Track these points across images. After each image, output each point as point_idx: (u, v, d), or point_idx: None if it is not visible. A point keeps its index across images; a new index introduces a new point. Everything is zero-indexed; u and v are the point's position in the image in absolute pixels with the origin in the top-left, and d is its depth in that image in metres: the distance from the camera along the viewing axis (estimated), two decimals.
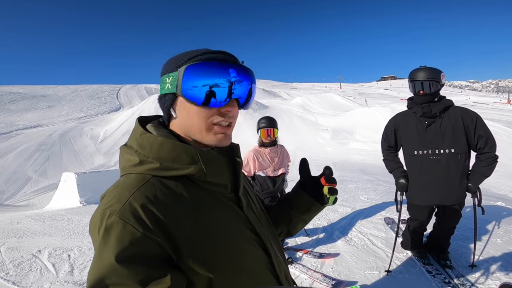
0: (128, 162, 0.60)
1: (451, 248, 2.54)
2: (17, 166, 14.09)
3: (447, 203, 2.24)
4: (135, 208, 0.51)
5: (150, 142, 0.60)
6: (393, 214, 3.72)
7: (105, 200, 0.55)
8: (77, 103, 34.85)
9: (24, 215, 5.41)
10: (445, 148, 2.17)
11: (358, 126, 16.46)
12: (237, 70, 0.61)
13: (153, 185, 0.56)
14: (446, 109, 2.20)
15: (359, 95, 42.82)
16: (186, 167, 0.59)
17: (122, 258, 0.47)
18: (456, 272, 2.28)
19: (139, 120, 0.67)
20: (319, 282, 2.32)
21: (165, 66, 0.64)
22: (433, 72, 2.17)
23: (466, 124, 2.14)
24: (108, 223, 0.50)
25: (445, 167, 2.18)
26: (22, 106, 31.19)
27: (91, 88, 43.90)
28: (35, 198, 10.45)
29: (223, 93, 0.60)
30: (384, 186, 5.65)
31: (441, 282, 2.17)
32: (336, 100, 29.22)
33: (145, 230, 0.50)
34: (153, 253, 0.50)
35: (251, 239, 0.66)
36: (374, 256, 2.66)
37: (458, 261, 2.45)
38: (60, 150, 16.99)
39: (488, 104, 27.58)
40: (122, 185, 0.57)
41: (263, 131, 2.83)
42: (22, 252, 3.28)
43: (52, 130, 21.45)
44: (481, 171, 2.15)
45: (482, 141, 2.11)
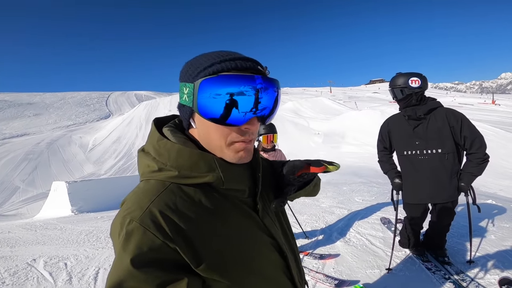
0: (147, 168, 0.60)
1: (448, 246, 2.60)
2: (4, 176, 13.69)
3: (438, 201, 2.32)
4: (155, 215, 0.52)
5: (168, 149, 0.58)
6: (389, 214, 3.79)
7: (126, 205, 0.55)
8: (65, 111, 34.19)
9: (14, 225, 5.25)
10: (432, 148, 2.27)
11: (349, 129, 16.72)
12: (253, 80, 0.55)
13: (172, 192, 0.56)
14: (432, 110, 2.30)
15: (349, 98, 43.53)
16: (204, 175, 0.58)
17: (140, 264, 0.48)
18: (455, 268, 2.34)
19: (155, 122, 0.65)
20: (322, 282, 2.34)
21: (183, 71, 0.60)
22: (402, 79, 2.30)
23: (452, 125, 2.22)
24: (128, 229, 0.51)
25: (433, 167, 2.27)
26: (8, 114, 30.39)
27: (79, 95, 43.18)
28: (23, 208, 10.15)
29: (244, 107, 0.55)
30: (378, 188, 5.76)
31: (441, 278, 2.22)
32: (327, 104, 29.64)
33: (165, 237, 0.51)
34: (171, 259, 0.51)
35: (268, 244, 0.66)
36: (374, 255, 2.70)
37: (456, 258, 2.51)
38: (49, 159, 16.58)
39: (473, 105, 28.46)
40: (142, 191, 0.57)
41: (265, 137, 2.90)
42: (16, 261, 3.19)
43: (39, 138, 20.94)
44: (470, 171, 2.22)
45: (468, 141, 2.19)
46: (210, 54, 0.58)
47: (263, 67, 0.59)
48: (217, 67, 0.55)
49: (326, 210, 4.34)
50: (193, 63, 0.59)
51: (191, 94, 0.57)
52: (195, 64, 0.58)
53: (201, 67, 0.56)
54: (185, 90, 0.58)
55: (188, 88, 0.57)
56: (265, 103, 0.57)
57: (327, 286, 2.28)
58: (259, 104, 0.56)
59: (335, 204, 4.69)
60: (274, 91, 0.59)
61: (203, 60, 0.57)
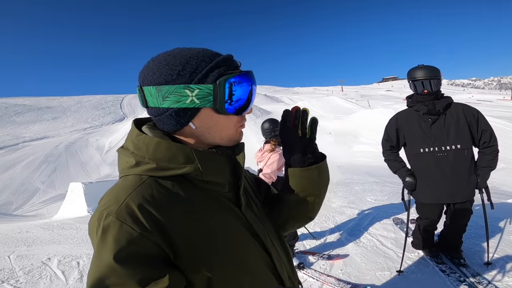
0: (126, 164, 0.60)
1: (464, 247, 2.50)
2: (25, 178, 14.29)
3: (457, 200, 2.21)
4: (131, 208, 0.51)
5: (146, 143, 0.59)
6: (402, 214, 3.67)
7: (103, 202, 0.55)
8: (81, 114, 35.29)
9: (33, 225, 5.45)
10: (451, 144, 2.17)
11: (362, 128, 16.40)
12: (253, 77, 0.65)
13: (149, 185, 0.56)
14: (448, 106, 2.22)
15: (361, 97, 42.82)
16: (182, 167, 0.58)
17: (120, 258, 0.48)
18: (471, 271, 2.24)
19: (134, 122, 0.67)
20: (333, 286, 2.26)
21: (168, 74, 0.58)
22: (434, 70, 2.19)
23: (469, 120, 2.17)
24: (105, 224, 0.50)
25: (453, 164, 2.17)
26: (28, 118, 31.67)
27: (95, 98, 44.44)
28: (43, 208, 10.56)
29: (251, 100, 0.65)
30: (391, 187, 5.60)
31: (456, 281, 2.13)
32: (338, 103, 29.22)
33: (142, 230, 0.50)
34: (151, 253, 0.50)
35: (250, 239, 0.65)
36: (385, 256, 2.62)
37: (473, 260, 2.40)
38: (67, 161, 17.19)
39: (492, 102, 27.37)
40: (119, 187, 0.57)
41: None
42: (32, 260, 3.30)
43: (58, 141, 21.72)
44: (487, 164, 2.16)
45: (487, 135, 2.15)
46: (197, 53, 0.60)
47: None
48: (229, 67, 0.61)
49: (336, 210, 4.26)
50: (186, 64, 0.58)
51: (208, 95, 0.58)
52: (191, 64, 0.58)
53: (205, 66, 0.58)
54: (190, 93, 0.57)
55: (197, 90, 0.57)
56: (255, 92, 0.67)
57: None
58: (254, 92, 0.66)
59: (346, 204, 4.59)
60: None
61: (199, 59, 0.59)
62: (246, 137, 0.80)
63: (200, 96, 0.58)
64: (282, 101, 47.52)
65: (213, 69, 0.59)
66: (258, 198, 0.80)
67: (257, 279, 0.63)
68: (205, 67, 0.58)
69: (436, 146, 2.21)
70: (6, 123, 28.88)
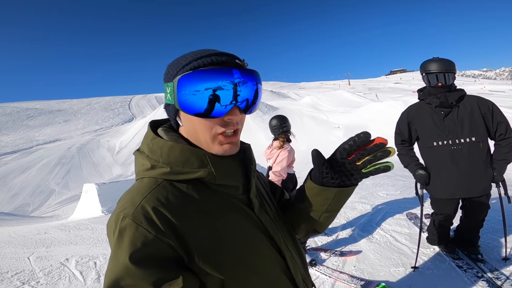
0: (142, 166, 0.61)
1: (481, 242, 2.43)
2: (40, 180, 14.74)
3: (473, 194, 2.16)
4: (147, 210, 0.52)
5: (160, 146, 0.60)
6: (416, 209, 3.61)
7: (120, 204, 0.56)
8: (92, 116, 35.94)
9: (50, 226, 5.62)
10: (465, 137, 2.12)
11: (371, 121, 16.18)
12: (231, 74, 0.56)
13: (164, 188, 0.57)
14: (461, 98, 2.17)
15: (369, 90, 42.14)
16: (196, 171, 0.59)
17: (135, 260, 0.48)
18: (489, 266, 2.19)
19: (151, 124, 0.68)
20: (346, 283, 2.24)
21: (165, 73, 0.62)
22: (449, 63, 2.15)
23: (484, 112, 2.11)
24: (121, 226, 0.52)
25: (467, 157, 2.12)
26: (40, 121, 32.46)
27: (104, 100, 45.15)
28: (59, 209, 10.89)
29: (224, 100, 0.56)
30: (403, 181, 5.52)
31: (473, 277, 2.09)
32: (346, 97, 28.85)
33: (157, 232, 0.51)
34: (165, 254, 0.51)
35: (264, 242, 0.65)
36: (399, 252, 2.59)
37: (490, 255, 2.34)
38: (80, 163, 17.60)
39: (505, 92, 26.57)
40: (135, 189, 0.58)
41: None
42: (51, 261, 3.39)
43: (70, 143, 22.23)
44: (504, 157, 2.11)
45: (502, 127, 2.10)
46: (189, 53, 0.61)
47: (240, 60, 0.60)
48: (193, 64, 0.57)
49: (348, 206, 4.21)
50: (174, 64, 0.61)
51: (172, 92, 0.59)
52: (175, 64, 0.60)
53: (180, 66, 0.59)
54: (167, 90, 0.60)
55: (169, 87, 0.59)
56: (244, 95, 0.59)
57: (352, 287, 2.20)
58: (238, 96, 0.58)
59: (357, 199, 4.55)
60: (253, 83, 0.60)
61: (182, 59, 0.60)
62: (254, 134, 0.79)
63: (170, 92, 0.59)
64: (289, 96, 47.26)
65: (185, 66, 0.58)
66: (272, 201, 0.78)
67: (270, 282, 0.63)
68: (182, 64, 0.59)
69: (450, 139, 2.15)
70: (19, 127, 29.70)
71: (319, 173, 0.67)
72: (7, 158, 19.76)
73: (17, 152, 20.98)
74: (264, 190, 0.77)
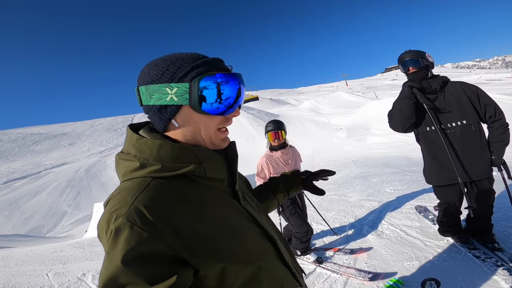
0: (127, 168, 0.61)
1: (496, 230, 2.37)
2: (52, 203, 14.98)
3: (472, 178, 2.14)
4: (140, 210, 0.53)
5: (149, 145, 0.61)
6: (424, 201, 3.58)
7: (110, 205, 0.56)
8: (96, 138, 36.30)
9: (65, 244, 5.70)
10: (456, 120, 2.15)
11: (373, 120, 16.14)
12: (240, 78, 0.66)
13: (155, 186, 0.58)
14: (445, 84, 2.22)
15: (367, 89, 42.20)
16: (186, 165, 0.61)
17: (130, 259, 0.49)
18: (508, 255, 2.11)
19: (130, 127, 0.69)
20: (355, 277, 2.23)
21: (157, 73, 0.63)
22: (417, 51, 2.24)
23: (469, 95, 2.14)
24: (116, 225, 0.52)
25: (461, 140, 2.14)
26: (46, 146, 32.85)
27: (106, 121, 45.68)
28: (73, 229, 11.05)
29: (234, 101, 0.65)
30: (411, 176, 5.48)
31: (493, 266, 2.02)
32: (345, 98, 28.91)
33: (152, 230, 0.52)
34: (160, 252, 0.52)
35: (254, 229, 0.69)
36: (411, 246, 2.54)
37: (507, 243, 2.27)
38: (89, 184, 17.78)
39: (502, 80, 26.44)
40: (125, 190, 0.58)
41: (270, 134, 2.85)
42: (68, 276, 3.45)
43: (77, 166, 22.45)
44: (499, 139, 2.11)
45: (490, 108, 2.11)
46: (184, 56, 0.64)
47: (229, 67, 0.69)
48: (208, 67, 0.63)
49: (355, 204, 4.19)
50: (171, 65, 0.62)
51: (184, 93, 0.61)
52: (175, 65, 0.62)
53: (187, 66, 0.62)
54: (169, 91, 0.62)
55: (176, 88, 0.61)
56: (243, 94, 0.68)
57: (361, 281, 2.18)
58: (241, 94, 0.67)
59: (364, 197, 4.52)
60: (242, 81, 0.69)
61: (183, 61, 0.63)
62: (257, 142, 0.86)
63: (178, 94, 0.61)
64: (288, 102, 47.42)
65: (193, 69, 0.62)
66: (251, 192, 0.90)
67: (266, 266, 0.66)
68: (186, 67, 0.62)
69: (442, 124, 2.19)
70: (26, 153, 30.09)
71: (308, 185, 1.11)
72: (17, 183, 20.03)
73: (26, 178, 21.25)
74: (243, 184, 0.84)
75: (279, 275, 0.69)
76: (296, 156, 2.98)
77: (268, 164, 2.82)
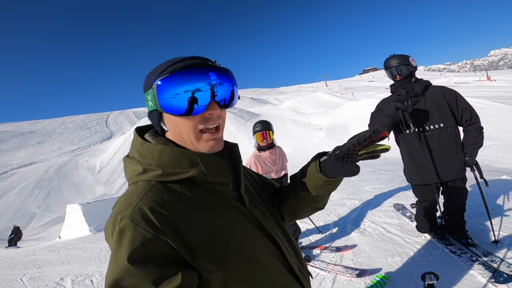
0: (133, 171, 0.63)
1: (469, 226, 2.51)
2: (20, 204, 14.14)
3: (447, 178, 2.29)
4: (144, 211, 0.54)
5: (151, 150, 0.62)
6: (401, 199, 3.77)
7: (116, 207, 0.58)
8: (67, 136, 34.51)
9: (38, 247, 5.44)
10: (434, 123, 2.28)
11: (350, 120, 16.68)
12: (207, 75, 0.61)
13: (159, 189, 0.59)
14: (427, 88, 2.36)
15: (346, 90, 43.50)
16: (187, 171, 0.61)
17: (135, 259, 0.50)
18: (482, 250, 2.25)
19: (137, 130, 0.70)
20: (342, 274, 2.32)
21: (144, 83, 0.66)
22: (403, 57, 2.37)
23: (448, 100, 2.28)
24: (120, 226, 0.53)
25: (437, 142, 2.28)
26: (12, 145, 30.78)
27: (78, 118, 43.55)
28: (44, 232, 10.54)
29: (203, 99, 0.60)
30: (387, 175, 5.73)
31: (468, 261, 2.14)
32: (324, 98, 29.61)
33: (155, 231, 0.53)
34: (164, 253, 0.53)
35: (259, 234, 0.68)
36: (392, 243, 2.67)
37: (480, 239, 2.41)
38: (60, 185, 16.87)
39: (470, 83, 28.33)
40: (130, 193, 0.60)
41: (259, 134, 2.89)
42: (45, 281, 3.31)
43: (47, 166, 21.21)
44: (473, 142, 2.26)
45: (467, 113, 2.25)
46: (165, 62, 0.64)
47: (212, 62, 0.65)
48: (170, 69, 0.61)
49: (337, 203, 4.33)
50: (151, 73, 0.65)
51: (153, 97, 0.62)
52: (152, 73, 0.64)
53: (157, 73, 0.63)
54: (148, 97, 0.64)
55: (150, 94, 0.63)
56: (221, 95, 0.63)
57: (348, 277, 2.28)
58: (215, 97, 0.62)
59: (345, 196, 4.67)
60: (229, 84, 0.65)
61: (158, 68, 0.64)
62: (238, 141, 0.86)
63: (151, 98, 0.63)
64: (269, 102, 47.76)
65: (162, 72, 0.62)
66: (261, 194, 0.82)
67: (270, 271, 0.67)
68: (157, 73, 0.62)
69: (421, 126, 2.32)
70: None
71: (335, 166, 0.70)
72: None
73: None
74: (251, 185, 0.81)
75: (283, 281, 0.69)
76: (282, 156, 3.04)
77: (256, 164, 2.85)
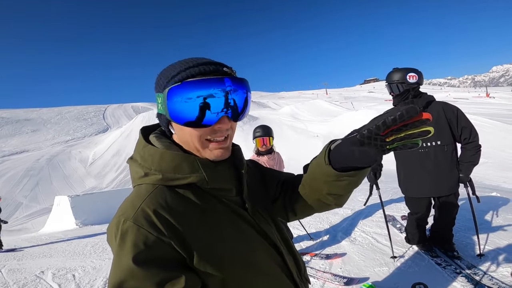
0: (136, 174, 0.63)
1: (456, 240, 2.57)
2: (6, 193, 13.83)
3: (441, 194, 2.33)
4: (147, 213, 0.54)
5: (151, 154, 0.61)
6: (393, 211, 3.80)
7: (120, 209, 0.58)
8: (62, 126, 34.20)
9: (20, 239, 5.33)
10: (432, 140, 2.30)
11: (348, 130, 16.24)
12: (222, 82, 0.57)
13: (162, 191, 0.59)
14: (429, 104, 2.36)
15: (345, 99, 43.92)
16: (187, 176, 0.60)
17: (138, 261, 0.50)
18: (466, 263, 2.30)
19: (142, 131, 0.68)
20: (331, 281, 2.33)
21: (156, 82, 0.63)
22: (400, 74, 2.36)
23: (449, 117, 2.28)
24: (123, 228, 0.53)
25: (433, 159, 2.30)
26: (6, 131, 30.39)
27: (76, 109, 43.23)
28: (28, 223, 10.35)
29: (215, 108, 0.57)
30: (379, 186, 5.76)
31: (452, 273, 2.19)
32: (323, 106, 29.84)
33: (158, 233, 0.53)
34: (167, 255, 0.53)
35: (261, 240, 0.67)
36: (381, 253, 2.69)
37: (465, 252, 2.48)
38: (50, 175, 16.61)
39: (468, 99, 28.71)
40: (134, 195, 0.60)
41: (259, 140, 2.89)
42: (24, 273, 3.22)
43: (39, 154, 20.94)
44: (469, 159, 2.28)
45: (466, 131, 2.26)
46: (178, 63, 0.61)
47: (229, 68, 0.61)
48: (182, 75, 0.58)
49: (330, 211, 4.33)
50: (163, 73, 0.61)
51: (163, 103, 0.59)
52: (165, 74, 0.61)
53: (169, 76, 0.59)
54: (159, 100, 0.62)
55: (161, 98, 0.61)
56: (236, 103, 0.60)
57: (336, 285, 2.27)
58: (229, 104, 0.59)
59: None
60: (243, 90, 0.61)
61: (171, 70, 0.60)
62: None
63: (162, 103, 0.60)
64: (269, 106, 47.96)
65: (174, 77, 0.59)
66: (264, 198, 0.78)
67: (269, 278, 0.65)
68: (169, 77, 0.59)
69: None
70: None
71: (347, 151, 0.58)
72: None
73: None
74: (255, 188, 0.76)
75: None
76: (280, 162, 3.05)
77: None
